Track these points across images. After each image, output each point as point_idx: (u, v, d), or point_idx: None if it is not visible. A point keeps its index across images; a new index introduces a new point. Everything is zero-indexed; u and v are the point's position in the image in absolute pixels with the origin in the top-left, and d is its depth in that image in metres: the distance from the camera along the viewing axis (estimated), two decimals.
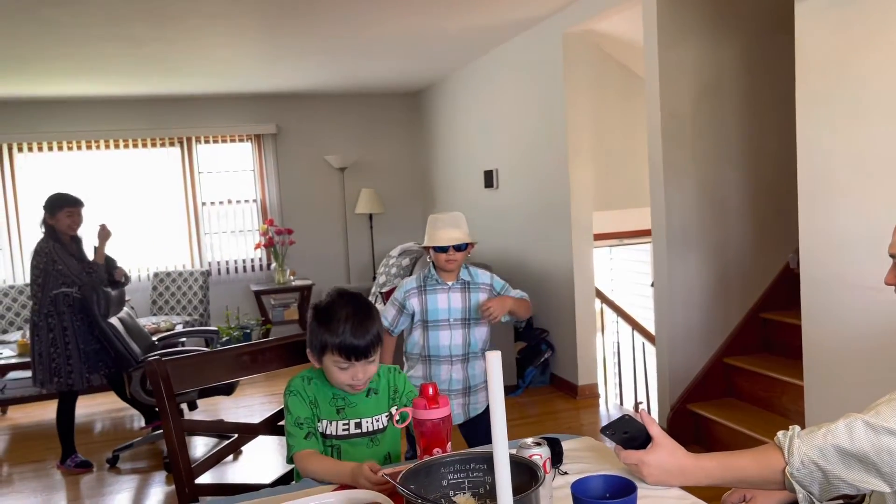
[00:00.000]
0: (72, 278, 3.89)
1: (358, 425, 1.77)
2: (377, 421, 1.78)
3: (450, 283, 2.64)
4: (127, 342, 3.94)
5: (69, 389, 3.99)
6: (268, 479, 1.88)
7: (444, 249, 2.57)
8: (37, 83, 5.73)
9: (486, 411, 2.69)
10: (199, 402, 4.93)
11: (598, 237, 5.71)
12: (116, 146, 6.81)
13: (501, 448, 0.99)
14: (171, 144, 6.98)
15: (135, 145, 6.86)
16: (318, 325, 1.71)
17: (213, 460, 1.81)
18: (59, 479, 4.01)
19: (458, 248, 2.58)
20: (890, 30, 2.43)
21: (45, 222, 3.97)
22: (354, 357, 1.68)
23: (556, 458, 1.58)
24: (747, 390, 3.86)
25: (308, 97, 7.22)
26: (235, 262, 7.20)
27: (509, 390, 4.93)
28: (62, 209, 3.95)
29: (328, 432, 1.75)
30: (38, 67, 5.16)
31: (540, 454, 1.41)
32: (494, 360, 1.02)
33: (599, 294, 5.11)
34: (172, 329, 5.45)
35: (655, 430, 1.44)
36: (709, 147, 3.88)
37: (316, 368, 1.78)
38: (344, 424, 1.76)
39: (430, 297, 2.63)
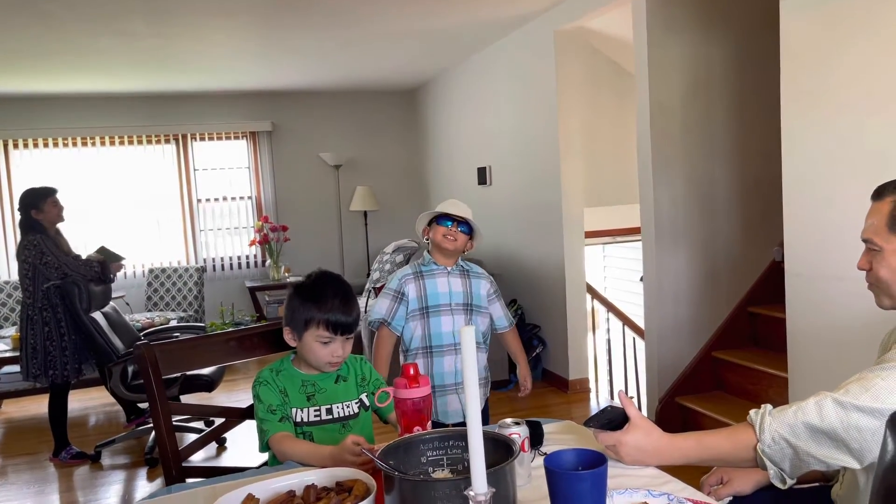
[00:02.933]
0: (63, 269, 3.91)
1: (329, 411, 1.80)
2: (347, 407, 1.82)
3: (449, 268, 2.57)
4: (108, 337, 3.95)
5: (64, 381, 4.01)
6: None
7: (447, 223, 2.50)
8: (32, 79, 5.75)
9: (486, 406, 2.67)
10: (182, 398, 4.94)
11: (592, 234, 5.74)
12: (112, 143, 6.83)
13: (474, 420, 1.01)
14: (167, 141, 7.00)
15: (130, 142, 6.88)
16: (304, 301, 1.74)
17: (200, 443, 1.83)
18: (53, 471, 4.03)
19: (462, 230, 2.52)
20: (873, 26, 2.47)
21: (28, 219, 3.99)
22: (340, 332, 1.72)
23: (537, 439, 1.61)
24: (734, 383, 3.89)
25: (303, 95, 7.24)
26: (230, 258, 7.23)
27: (501, 385, 4.95)
28: (46, 200, 4.00)
29: (299, 419, 1.77)
30: (33, 62, 5.18)
31: (518, 433, 1.44)
32: (468, 335, 1.05)
33: (591, 290, 5.15)
34: (166, 324, 5.47)
35: (632, 412, 1.47)
36: (697, 143, 3.92)
37: (287, 354, 1.82)
38: (315, 411, 1.79)
39: (429, 282, 2.54)
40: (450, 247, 2.54)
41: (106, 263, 4.12)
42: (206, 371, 4.08)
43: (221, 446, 4.25)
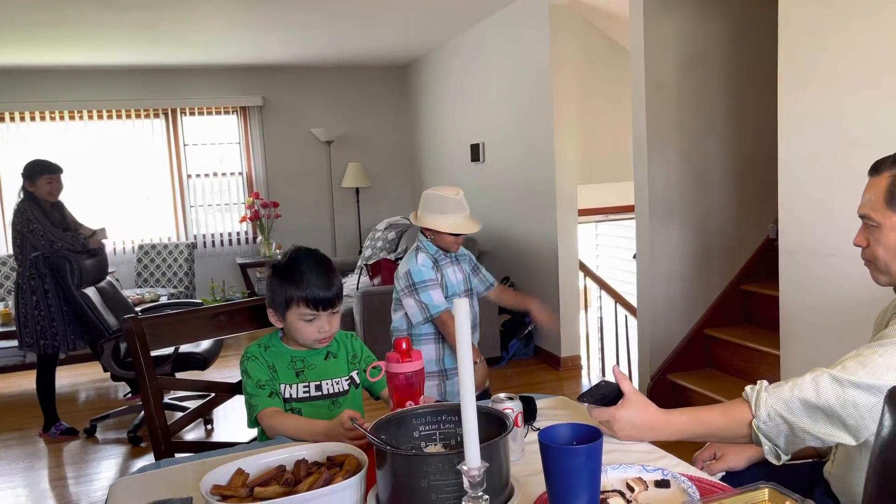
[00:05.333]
0: (49, 238, 3.87)
1: (318, 387, 1.78)
2: (337, 383, 1.80)
3: (450, 254, 2.66)
4: (100, 313, 3.91)
5: (55, 352, 3.99)
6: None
7: (457, 234, 2.56)
8: (18, 51, 5.64)
9: (484, 391, 2.72)
10: (176, 375, 4.92)
11: (585, 213, 5.72)
12: (100, 117, 6.74)
13: (468, 395, 1.00)
14: (156, 116, 6.91)
15: (119, 116, 6.79)
16: (282, 281, 1.72)
17: (190, 418, 1.81)
18: (43, 446, 4.02)
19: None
20: (872, 2, 2.43)
21: (24, 188, 3.97)
22: (322, 307, 1.70)
23: (530, 415, 1.59)
24: (726, 360, 3.90)
25: (294, 69, 7.15)
26: (221, 235, 7.18)
27: (493, 362, 4.95)
28: (41, 176, 3.94)
29: (288, 395, 1.75)
30: (19, 34, 5.08)
31: (511, 408, 1.42)
32: (462, 307, 1.02)
33: (584, 268, 5.14)
34: (157, 301, 5.44)
35: (627, 387, 1.46)
36: (693, 119, 3.89)
37: (275, 330, 1.80)
38: (304, 387, 1.77)
39: (446, 271, 2.62)
40: (457, 249, 2.64)
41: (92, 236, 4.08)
42: (200, 349, 4.06)
43: (209, 427, 4.22)
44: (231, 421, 4.26)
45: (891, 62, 2.38)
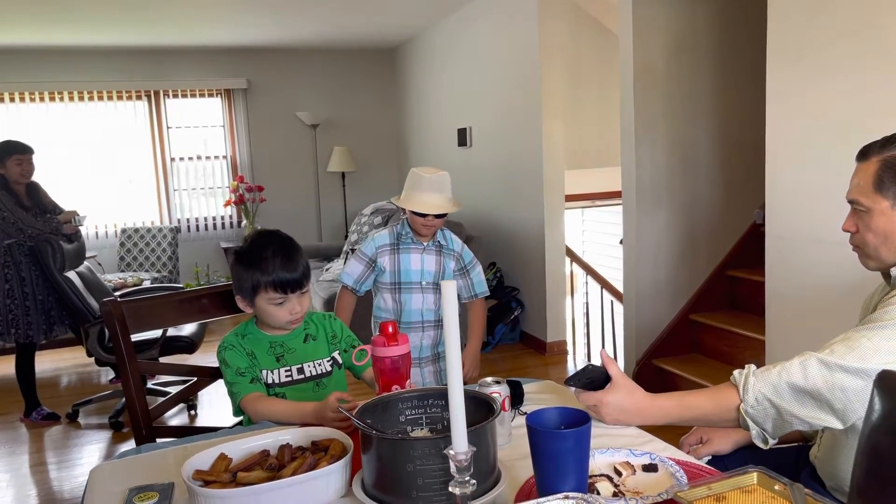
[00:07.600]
0: (19, 226, 3.79)
1: (300, 370, 1.76)
2: (319, 365, 1.78)
3: (425, 243, 2.49)
4: (84, 297, 3.85)
5: (28, 341, 3.92)
6: None
7: (422, 214, 2.39)
8: None
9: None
10: (162, 360, 4.87)
11: (572, 198, 5.71)
12: (82, 99, 6.62)
13: (455, 378, 0.98)
14: (139, 98, 6.81)
15: (100, 98, 6.68)
16: (247, 268, 1.70)
17: (171, 402, 1.79)
18: (24, 431, 3.98)
19: (439, 214, 2.41)
20: None
21: None
22: (290, 290, 1.68)
23: (517, 399, 1.58)
24: (712, 346, 3.92)
25: (280, 51, 7.06)
26: (205, 219, 7.10)
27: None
28: (11, 157, 3.86)
29: (270, 381, 1.73)
30: None
31: (499, 392, 1.41)
32: (450, 289, 1.01)
33: (570, 253, 5.13)
34: (139, 285, 5.37)
35: (614, 371, 1.45)
36: (680, 104, 3.88)
37: (250, 318, 1.79)
38: (286, 371, 1.75)
39: (403, 257, 2.48)
40: (427, 233, 2.48)
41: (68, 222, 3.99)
42: (186, 332, 4.02)
43: (192, 412, 4.18)
44: (215, 406, 4.23)
45: (878, 48, 2.38)
